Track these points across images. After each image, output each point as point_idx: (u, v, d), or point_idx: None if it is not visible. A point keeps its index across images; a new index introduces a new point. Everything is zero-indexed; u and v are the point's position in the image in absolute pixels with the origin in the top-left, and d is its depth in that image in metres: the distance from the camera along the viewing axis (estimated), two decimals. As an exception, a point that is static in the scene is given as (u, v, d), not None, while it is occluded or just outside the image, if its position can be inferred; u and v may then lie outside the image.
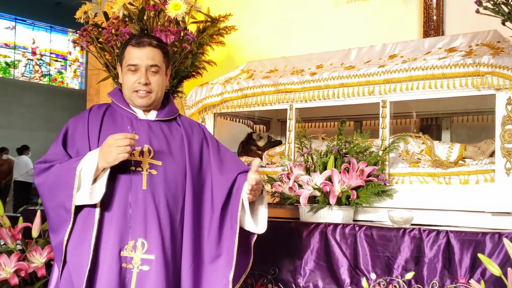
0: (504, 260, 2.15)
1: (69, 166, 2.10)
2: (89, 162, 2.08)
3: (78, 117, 2.30)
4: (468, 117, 3.38)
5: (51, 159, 2.17)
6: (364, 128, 3.62)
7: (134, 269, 2.12)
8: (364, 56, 3.11)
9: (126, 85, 2.28)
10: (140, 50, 2.25)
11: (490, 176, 2.54)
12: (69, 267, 2.11)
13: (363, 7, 4.08)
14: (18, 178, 12.38)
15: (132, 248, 2.13)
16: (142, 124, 2.28)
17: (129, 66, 2.25)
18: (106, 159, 2.06)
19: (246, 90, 3.24)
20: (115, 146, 2.04)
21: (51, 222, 2.19)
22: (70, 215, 2.09)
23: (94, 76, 5.16)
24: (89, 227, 2.11)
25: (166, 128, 2.33)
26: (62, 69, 19.06)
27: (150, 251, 2.13)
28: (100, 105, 2.35)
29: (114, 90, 2.43)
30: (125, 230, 2.13)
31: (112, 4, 3.58)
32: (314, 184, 2.70)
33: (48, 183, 2.13)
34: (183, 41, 3.48)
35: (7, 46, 17.69)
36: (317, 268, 2.56)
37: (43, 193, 2.17)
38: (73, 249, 2.11)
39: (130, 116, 2.30)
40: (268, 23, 4.48)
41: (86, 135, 2.22)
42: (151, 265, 2.12)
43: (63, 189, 2.09)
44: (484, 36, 2.81)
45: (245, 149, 3.76)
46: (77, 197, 2.08)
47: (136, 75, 2.25)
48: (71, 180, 2.07)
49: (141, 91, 2.26)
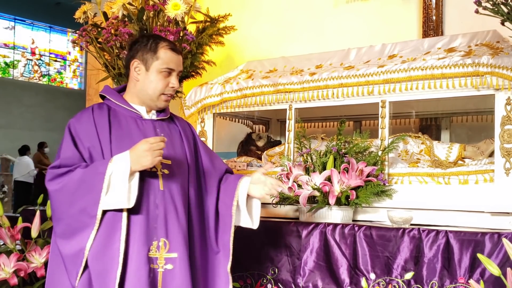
0: (504, 260, 2.15)
1: (95, 171, 2.06)
2: (120, 166, 2.06)
3: (79, 118, 2.24)
4: (468, 117, 3.39)
5: (67, 163, 2.12)
6: (364, 128, 3.62)
7: (160, 268, 2.17)
8: (364, 56, 3.11)
9: (154, 86, 2.26)
10: (177, 56, 2.29)
11: (490, 176, 2.54)
12: (92, 272, 2.08)
13: (362, 7, 4.08)
14: (19, 178, 12.39)
15: (156, 248, 2.17)
16: (148, 124, 2.30)
17: (166, 69, 2.26)
18: (141, 163, 2.07)
19: (246, 90, 3.24)
20: (151, 150, 2.06)
21: (66, 228, 2.11)
22: (94, 220, 2.06)
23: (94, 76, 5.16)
24: (115, 231, 2.09)
25: (166, 127, 2.36)
26: (61, 69, 19.06)
27: (172, 250, 2.18)
28: (99, 104, 2.31)
29: (107, 89, 2.37)
30: (150, 231, 2.17)
31: (111, 4, 3.58)
32: (314, 184, 2.70)
33: (68, 188, 2.08)
34: (182, 41, 3.48)
35: (6, 46, 17.68)
36: (316, 268, 2.56)
37: (60, 199, 2.10)
38: (97, 254, 2.08)
39: (134, 116, 2.29)
40: (267, 23, 4.49)
41: (95, 136, 2.18)
42: (175, 263, 2.17)
43: (88, 194, 2.05)
44: (484, 36, 2.82)
45: (245, 149, 3.76)
46: (107, 201, 2.06)
47: (167, 78, 2.27)
48: (98, 185, 2.04)
49: (169, 95, 2.30)
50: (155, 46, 2.26)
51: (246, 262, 2.76)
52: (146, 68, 2.26)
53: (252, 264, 2.75)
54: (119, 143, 2.18)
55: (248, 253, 2.76)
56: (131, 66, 2.28)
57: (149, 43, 2.27)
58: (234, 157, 3.68)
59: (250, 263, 2.75)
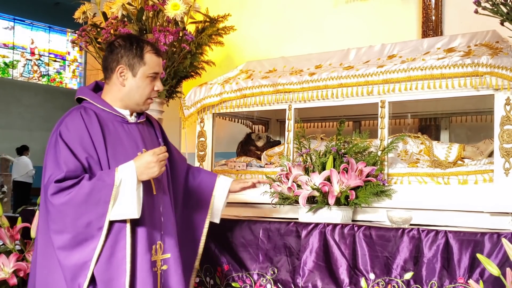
0: (503, 260, 2.15)
1: (103, 183, 2.05)
2: (127, 177, 2.07)
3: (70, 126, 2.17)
4: (467, 117, 3.38)
5: (71, 176, 2.07)
6: (363, 128, 3.62)
7: (158, 271, 2.25)
8: (363, 56, 3.11)
9: (141, 92, 2.27)
10: (160, 59, 2.31)
11: (489, 176, 2.54)
12: (99, 282, 2.08)
13: (362, 7, 4.08)
14: (18, 178, 12.38)
15: (155, 252, 2.24)
16: (133, 128, 2.30)
17: (153, 73, 2.27)
18: (149, 174, 2.10)
19: (245, 90, 3.24)
20: (158, 161, 2.10)
21: (69, 241, 2.08)
22: (101, 232, 2.06)
23: (93, 76, 5.16)
24: (119, 239, 2.11)
25: (146, 130, 2.39)
26: (60, 69, 19.05)
27: (166, 251, 2.28)
28: (84, 109, 2.24)
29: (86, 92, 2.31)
30: (150, 236, 2.22)
31: (111, 4, 3.58)
32: (313, 184, 2.70)
33: (75, 202, 2.04)
34: (182, 41, 3.48)
35: (6, 46, 17.67)
36: (316, 268, 2.56)
37: (65, 212, 2.06)
38: (104, 264, 2.08)
39: (119, 120, 2.28)
40: (267, 23, 4.49)
41: (91, 145, 2.15)
42: (169, 263, 2.28)
43: (95, 206, 2.05)
44: (483, 36, 2.82)
45: (244, 149, 3.75)
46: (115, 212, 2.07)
47: (153, 82, 2.29)
48: (106, 197, 2.04)
49: (153, 97, 2.33)
50: (141, 52, 2.25)
51: (245, 262, 2.77)
52: (133, 74, 2.25)
53: (252, 264, 2.75)
54: (113, 150, 2.19)
55: (247, 253, 2.76)
56: (115, 71, 2.25)
57: (134, 48, 2.25)
58: (234, 157, 3.67)
59: (250, 263, 2.76)
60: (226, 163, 3.47)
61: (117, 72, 2.25)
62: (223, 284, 2.81)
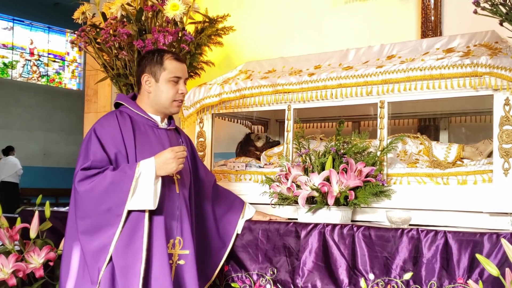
0: (502, 261, 2.15)
1: (124, 174, 2.27)
2: (146, 170, 2.29)
3: (104, 124, 2.42)
4: (466, 118, 3.38)
5: (97, 165, 2.31)
6: (362, 129, 3.62)
7: (173, 264, 2.46)
8: (362, 56, 3.11)
9: (165, 95, 2.50)
10: (181, 64, 2.55)
11: (488, 176, 2.54)
12: (116, 267, 2.26)
13: (361, 7, 4.08)
14: (6, 178, 12.36)
15: (172, 246, 2.46)
16: (162, 132, 2.57)
17: (174, 78, 2.50)
18: (166, 169, 2.33)
19: (244, 90, 3.24)
20: (176, 158, 2.32)
21: (91, 225, 2.29)
22: (119, 219, 2.27)
23: (92, 76, 5.17)
24: (137, 230, 2.31)
25: (173, 136, 2.61)
26: (60, 70, 19.02)
27: (185, 247, 2.49)
28: (120, 112, 2.50)
29: (123, 97, 2.58)
30: (168, 230, 2.43)
31: (110, 5, 3.58)
32: (312, 185, 2.70)
33: (97, 189, 2.26)
34: (181, 42, 3.48)
35: (5, 46, 17.64)
36: (315, 269, 2.56)
37: (88, 199, 2.27)
38: (121, 251, 2.27)
39: (151, 124, 2.53)
40: (266, 23, 4.49)
41: (121, 142, 2.38)
42: (186, 259, 2.48)
43: (116, 194, 2.26)
44: (482, 37, 2.82)
45: (243, 150, 3.75)
46: (133, 202, 2.27)
47: (176, 86, 2.52)
48: (126, 187, 2.25)
49: (179, 100, 2.54)
50: (161, 59, 2.51)
51: (244, 263, 2.77)
52: (156, 80, 2.50)
53: (251, 264, 2.76)
54: (141, 149, 2.41)
55: (247, 254, 2.76)
56: (142, 80, 2.52)
57: (155, 57, 2.51)
58: (233, 158, 3.68)
59: (249, 263, 2.76)
60: (225, 164, 3.47)
61: (143, 81, 2.52)
62: (222, 285, 2.82)
